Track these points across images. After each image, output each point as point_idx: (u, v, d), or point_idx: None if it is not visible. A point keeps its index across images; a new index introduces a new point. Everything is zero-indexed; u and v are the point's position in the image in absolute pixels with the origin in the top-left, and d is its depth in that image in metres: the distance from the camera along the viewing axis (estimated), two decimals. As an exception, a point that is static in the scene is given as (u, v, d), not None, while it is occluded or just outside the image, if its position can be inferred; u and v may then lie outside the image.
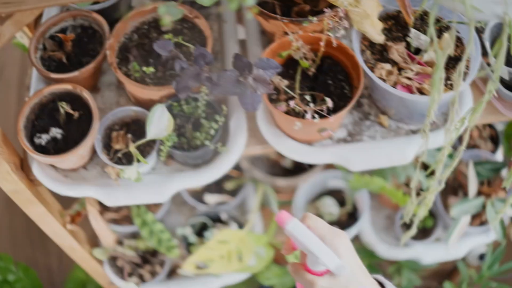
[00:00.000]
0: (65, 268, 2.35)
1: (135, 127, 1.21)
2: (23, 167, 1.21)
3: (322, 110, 1.07)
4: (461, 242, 1.66)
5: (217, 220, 1.67)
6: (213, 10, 1.36)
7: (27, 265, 1.75)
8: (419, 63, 1.13)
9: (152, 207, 1.63)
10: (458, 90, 0.90)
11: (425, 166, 1.63)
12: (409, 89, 1.11)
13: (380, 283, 0.87)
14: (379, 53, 1.16)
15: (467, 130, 1.00)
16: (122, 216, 1.61)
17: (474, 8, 0.78)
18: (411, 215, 1.31)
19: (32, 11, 1.15)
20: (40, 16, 1.37)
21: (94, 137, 1.14)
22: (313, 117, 1.06)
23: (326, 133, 1.09)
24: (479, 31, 1.24)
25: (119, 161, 1.17)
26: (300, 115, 1.10)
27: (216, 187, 1.71)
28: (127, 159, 1.17)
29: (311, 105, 1.07)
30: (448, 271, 2.10)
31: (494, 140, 1.74)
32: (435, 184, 1.14)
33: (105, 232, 1.51)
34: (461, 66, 0.85)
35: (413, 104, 1.13)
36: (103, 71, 1.30)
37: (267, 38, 1.30)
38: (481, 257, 1.81)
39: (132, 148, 1.13)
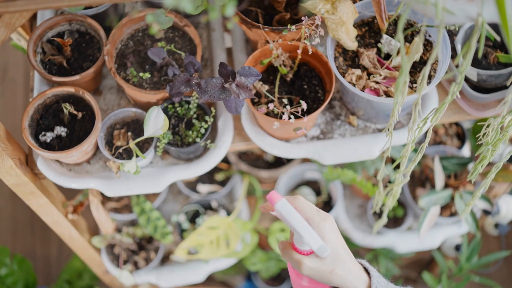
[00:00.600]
0: (64, 259, 2.38)
1: (135, 126, 1.26)
2: (28, 162, 1.26)
3: (297, 112, 1.15)
4: (434, 232, 1.70)
5: (208, 207, 1.73)
6: (202, 19, 1.40)
7: (23, 257, 1.77)
8: (387, 68, 1.18)
9: (151, 197, 1.69)
10: (421, 93, 0.91)
11: (393, 160, 1.70)
12: (376, 92, 1.17)
13: (365, 268, 0.86)
14: (351, 59, 1.21)
15: (430, 129, 1.03)
16: (122, 205, 1.67)
17: (446, 11, 0.75)
18: (380, 205, 1.39)
19: (21, 13, 1.11)
20: (34, 18, 1.38)
21: (97, 135, 1.19)
22: (289, 118, 1.13)
23: (300, 131, 1.16)
24: (453, 34, 1.28)
25: (120, 156, 1.23)
26: (278, 116, 1.16)
27: (208, 178, 1.78)
28: (127, 154, 1.23)
29: (288, 107, 1.14)
30: (427, 261, 2.13)
31: (460, 137, 1.79)
32: (400, 177, 1.22)
33: (105, 220, 1.56)
34: (425, 71, 0.84)
35: (380, 105, 1.19)
36: (104, 76, 1.35)
37: (251, 46, 1.35)
38: (457, 248, 1.85)
39: (132, 144, 1.18)
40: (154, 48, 1.20)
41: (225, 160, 1.77)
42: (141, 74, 1.22)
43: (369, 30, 1.24)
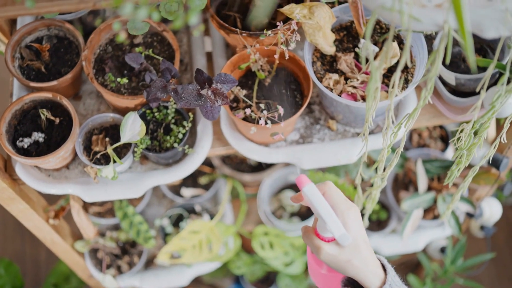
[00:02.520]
0: (53, 262, 2.37)
1: (113, 131, 1.26)
2: (7, 167, 1.26)
3: (274, 117, 1.15)
4: (417, 235, 1.70)
5: (192, 211, 1.73)
6: (169, 26, 1.36)
7: (10, 261, 1.77)
8: (365, 73, 1.18)
9: (134, 201, 1.69)
10: (393, 99, 0.91)
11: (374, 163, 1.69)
12: (353, 96, 1.17)
13: (382, 265, 0.86)
14: (329, 63, 1.21)
15: (404, 134, 1.04)
16: (106, 209, 1.67)
17: (413, 18, 0.75)
18: (361, 209, 1.38)
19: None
20: (14, 24, 1.38)
21: (74, 141, 1.19)
22: (266, 123, 1.13)
23: (277, 136, 1.16)
24: (432, 38, 1.28)
25: (98, 162, 1.23)
26: (256, 121, 1.16)
27: (192, 181, 1.77)
28: (106, 159, 1.23)
29: (265, 112, 1.14)
30: (414, 263, 2.13)
31: (444, 139, 1.79)
32: (378, 181, 1.22)
33: (87, 225, 1.55)
34: (396, 78, 0.84)
35: (358, 110, 1.19)
36: (83, 81, 1.34)
37: (231, 50, 1.35)
38: (443, 250, 1.84)
39: (110, 150, 1.18)
40: (132, 53, 1.20)
41: (209, 163, 1.77)
42: (118, 79, 1.22)
43: (347, 35, 1.24)
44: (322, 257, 0.82)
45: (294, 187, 1.79)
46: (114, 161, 1.19)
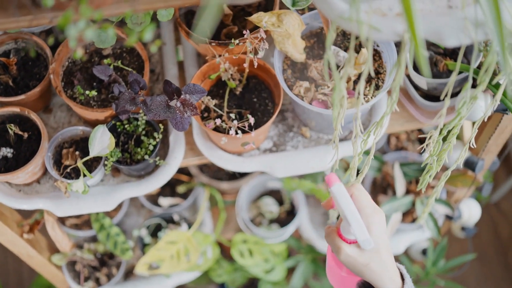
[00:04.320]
0: (36, 273, 2.32)
1: (84, 144, 1.24)
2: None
3: (244, 127, 1.14)
4: (397, 238, 1.69)
5: (170, 221, 1.71)
6: (154, 33, 1.38)
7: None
8: (337, 79, 1.20)
9: (111, 211, 1.67)
10: (359, 108, 0.90)
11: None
12: (325, 104, 1.17)
13: (401, 274, 0.85)
14: (300, 71, 1.21)
15: (374, 142, 1.04)
16: (83, 221, 1.64)
17: (373, 28, 0.74)
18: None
19: None
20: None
21: (43, 155, 1.18)
22: (237, 133, 1.12)
23: (248, 146, 1.15)
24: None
25: (69, 176, 1.21)
26: (227, 131, 1.16)
27: (170, 191, 1.76)
28: (76, 173, 1.22)
29: (235, 122, 1.13)
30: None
31: (423, 142, 1.79)
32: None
33: (62, 239, 1.54)
34: (360, 87, 0.83)
35: (329, 117, 1.18)
36: (54, 93, 1.33)
37: (202, 59, 1.34)
38: (424, 252, 1.84)
39: (80, 164, 1.17)
40: (100, 65, 1.19)
41: (187, 172, 1.76)
42: (87, 92, 1.21)
43: (317, 41, 1.24)
44: (342, 258, 0.82)
45: (273, 194, 1.78)
46: (85, 175, 1.18)
